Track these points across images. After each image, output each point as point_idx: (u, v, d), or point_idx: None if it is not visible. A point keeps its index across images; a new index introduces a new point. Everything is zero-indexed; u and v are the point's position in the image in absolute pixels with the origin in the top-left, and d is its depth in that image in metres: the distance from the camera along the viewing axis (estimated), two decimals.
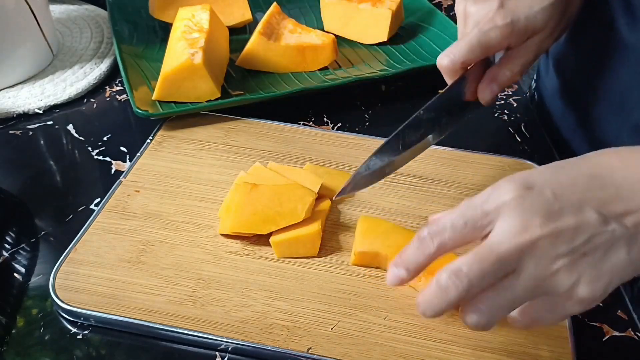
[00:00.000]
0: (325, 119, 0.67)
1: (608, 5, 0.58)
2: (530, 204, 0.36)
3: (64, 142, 0.63)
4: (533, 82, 0.79)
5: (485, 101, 0.52)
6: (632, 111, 0.58)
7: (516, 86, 0.73)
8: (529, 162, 0.60)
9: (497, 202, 0.36)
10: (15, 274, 0.49)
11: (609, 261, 0.36)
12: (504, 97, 0.72)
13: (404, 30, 0.79)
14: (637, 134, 0.57)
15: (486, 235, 0.36)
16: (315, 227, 0.49)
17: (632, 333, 0.47)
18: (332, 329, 0.44)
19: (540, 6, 0.50)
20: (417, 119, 0.50)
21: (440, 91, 0.50)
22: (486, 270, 0.35)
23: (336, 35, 0.73)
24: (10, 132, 0.64)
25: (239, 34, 0.77)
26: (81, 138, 0.63)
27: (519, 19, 0.50)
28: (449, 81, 0.51)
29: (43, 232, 0.53)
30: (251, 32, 0.72)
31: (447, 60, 0.50)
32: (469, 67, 0.51)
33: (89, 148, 0.62)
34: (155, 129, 0.62)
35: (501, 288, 0.36)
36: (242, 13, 0.78)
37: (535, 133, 0.66)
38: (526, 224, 0.35)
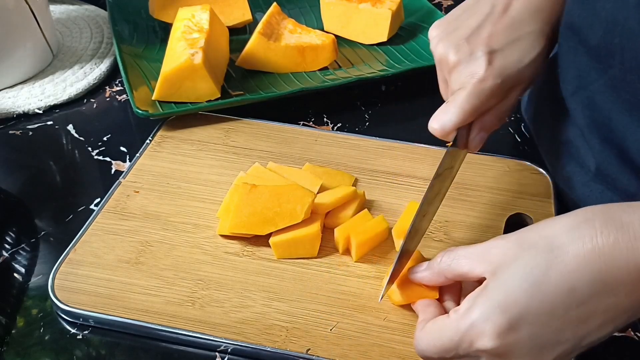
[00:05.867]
0: (325, 119, 0.67)
1: None
2: (512, 353, 0.36)
3: (64, 142, 0.63)
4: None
5: (475, 149, 0.51)
6: None
7: None
8: (529, 163, 0.60)
9: (476, 345, 0.36)
10: (15, 274, 0.49)
11: None
12: None
13: (404, 30, 0.79)
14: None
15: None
16: (314, 227, 0.49)
17: (632, 333, 0.47)
18: (331, 330, 0.45)
19: (530, 57, 0.48)
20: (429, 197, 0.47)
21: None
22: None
23: (336, 35, 0.73)
24: (10, 132, 0.64)
25: (239, 34, 0.77)
26: (81, 138, 0.64)
27: (510, 76, 0.47)
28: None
29: (43, 232, 0.53)
30: (251, 32, 0.72)
31: (438, 126, 0.47)
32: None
33: (89, 148, 0.62)
34: (155, 129, 0.62)
35: None
36: (242, 13, 0.78)
37: (535, 128, 0.66)
38: None
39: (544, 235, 0.36)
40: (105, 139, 0.63)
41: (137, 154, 0.59)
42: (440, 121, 0.47)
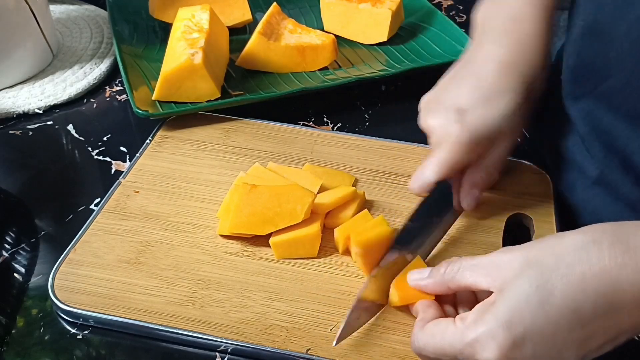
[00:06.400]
0: (325, 119, 0.67)
1: None
2: None
3: (64, 142, 0.63)
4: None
5: (469, 207, 0.51)
6: None
7: None
8: (529, 163, 0.60)
9: (477, 357, 0.36)
10: (15, 274, 0.49)
11: None
12: None
13: (404, 30, 0.79)
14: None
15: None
16: (314, 228, 0.49)
17: None
18: (331, 330, 0.45)
19: (503, 113, 0.49)
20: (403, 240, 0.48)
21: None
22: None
23: (336, 35, 0.73)
24: (10, 132, 0.64)
25: (239, 34, 0.77)
26: (81, 138, 0.64)
27: (482, 133, 0.48)
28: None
29: (43, 232, 0.53)
30: (251, 32, 0.72)
31: (417, 187, 0.50)
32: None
33: (89, 148, 0.62)
34: (155, 129, 0.62)
35: None
36: (242, 13, 0.78)
37: (535, 133, 0.66)
38: None
39: (551, 253, 0.36)
40: (105, 139, 0.63)
41: (137, 154, 0.59)
42: (419, 180, 0.49)
